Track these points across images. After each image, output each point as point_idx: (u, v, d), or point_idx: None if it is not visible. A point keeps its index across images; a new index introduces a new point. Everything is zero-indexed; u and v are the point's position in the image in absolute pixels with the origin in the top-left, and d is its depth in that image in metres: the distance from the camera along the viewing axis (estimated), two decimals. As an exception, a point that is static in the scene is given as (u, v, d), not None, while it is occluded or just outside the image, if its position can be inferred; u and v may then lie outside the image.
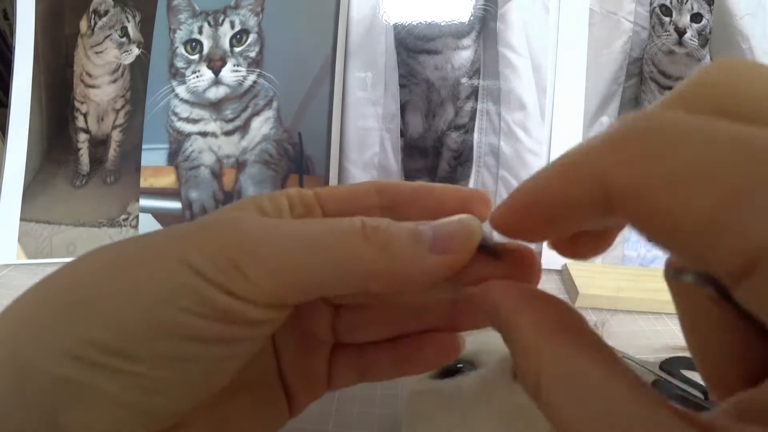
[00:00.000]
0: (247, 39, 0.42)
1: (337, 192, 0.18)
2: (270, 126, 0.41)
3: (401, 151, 0.47)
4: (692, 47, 0.42)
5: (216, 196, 0.42)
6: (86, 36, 0.48)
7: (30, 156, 0.47)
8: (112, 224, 0.47)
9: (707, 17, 0.42)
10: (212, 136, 0.42)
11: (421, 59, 0.45)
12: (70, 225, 0.47)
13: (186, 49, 0.43)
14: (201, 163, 0.42)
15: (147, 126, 0.44)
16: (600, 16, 0.44)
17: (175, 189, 0.43)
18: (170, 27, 0.44)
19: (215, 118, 0.42)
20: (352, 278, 0.14)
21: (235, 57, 0.42)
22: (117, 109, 0.49)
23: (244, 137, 0.42)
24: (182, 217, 0.42)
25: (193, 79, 0.43)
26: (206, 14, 0.43)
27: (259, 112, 0.42)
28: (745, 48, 0.42)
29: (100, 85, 0.48)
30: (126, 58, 0.48)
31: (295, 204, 0.17)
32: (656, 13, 0.43)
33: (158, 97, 0.43)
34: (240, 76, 0.42)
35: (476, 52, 0.45)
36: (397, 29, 0.45)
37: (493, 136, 0.45)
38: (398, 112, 0.46)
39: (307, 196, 0.18)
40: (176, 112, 0.43)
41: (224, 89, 0.42)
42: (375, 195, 0.18)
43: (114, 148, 0.49)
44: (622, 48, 0.43)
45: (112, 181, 0.48)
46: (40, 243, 0.46)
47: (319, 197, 0.18)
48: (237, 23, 0.42)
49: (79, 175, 0.48)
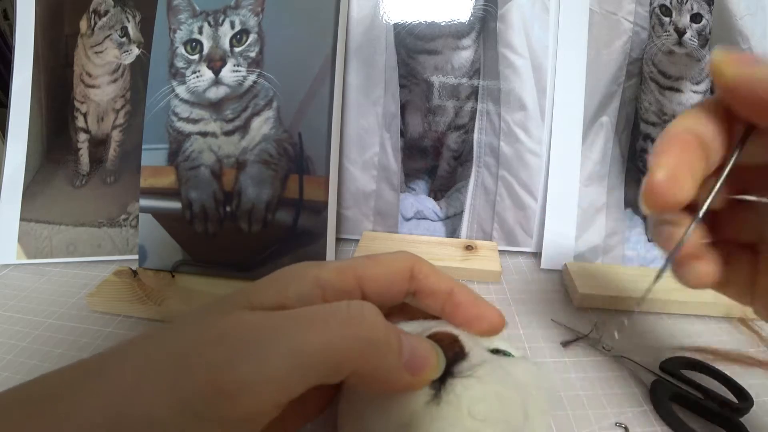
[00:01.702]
0: (247, 39, 0.42)
1: (377, 274, 0.20)
2: (270, 126, 0.41)
3: (401, 151, 0.47)
4: (692, 47, 0.42)
5: (216, 196, 0.42)
6: (86, 36, 0.48)
7: (30, 156, 0.47)
8: (112, 224, 0.47)
9: (707, 17, 0.42)
10: (212, 136, 0.42)
11: (421, 59, 0.45)
12: (70, 225, 0.47)
13: (186, 49, 0.43)
14: (201, 163, 0.42)
15: (147, 126, 0.44)
16: (600, 16, 0.44)
17: (175, 189, 0.43)
18: (170, 27, 0.44)
19: (215, 118, 0.42)
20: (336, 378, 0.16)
21: (235, 57, 0.42)
22: (117, 109, 0.49)
23: (244, 137, 0.42)
24: (182, 217, 0.42)
25: (193, 79, 0.43)
26: (206, 14, 0.43)
27: (259, 112, 0.42)
28: (745, 48, 0.42)
29: (100, 85, 0.48)
30: (126, 58, 0.48)
31: (332, 291, 0.19)
32: (656, 13, 0.43)
33: (158, 97, 0.43)
34: (240, 76, 0.42)
35: (476, 52, 0.45)
36: (397, 29, 0.45)
37: (493, 136, 0.45)
38: (398, 112, 0.46)
39: (347, 282, 0.20)
40: (176, 112, 0.43)
41: (224, 89, 0.42)
42: (407, 281, 0.21)
43: (114, 148, 0.49)
44: (622, 48, 0.43)
45: (112, 181, 0.48)
46: (40, 243, 0.46)
47: (360, 280, 0.20)
48: (237, 23, 0.42)
49: (79, 175, 0.48)
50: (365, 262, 0.20)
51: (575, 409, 0.28)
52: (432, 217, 0.48)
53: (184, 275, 0.42)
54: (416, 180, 0.48)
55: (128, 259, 0.46)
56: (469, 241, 0.46)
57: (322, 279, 0.19)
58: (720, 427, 0.27)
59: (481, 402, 0.17)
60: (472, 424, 0.17)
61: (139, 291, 0.39)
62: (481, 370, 0.18)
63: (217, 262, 0.42)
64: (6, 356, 0.34)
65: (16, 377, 0.32)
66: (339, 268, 0.20)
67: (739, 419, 0.26)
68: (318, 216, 0.41)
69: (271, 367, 0.15)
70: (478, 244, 0.45)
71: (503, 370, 0.19)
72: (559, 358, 0.32)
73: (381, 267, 0.20)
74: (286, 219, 0.41)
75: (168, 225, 0.43)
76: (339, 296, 0.19)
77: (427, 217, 0.47)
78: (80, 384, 0.15)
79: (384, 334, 0.17)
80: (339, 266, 0.20)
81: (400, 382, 0.17)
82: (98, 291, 0.39)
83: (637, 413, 0.28)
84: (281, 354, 0.15)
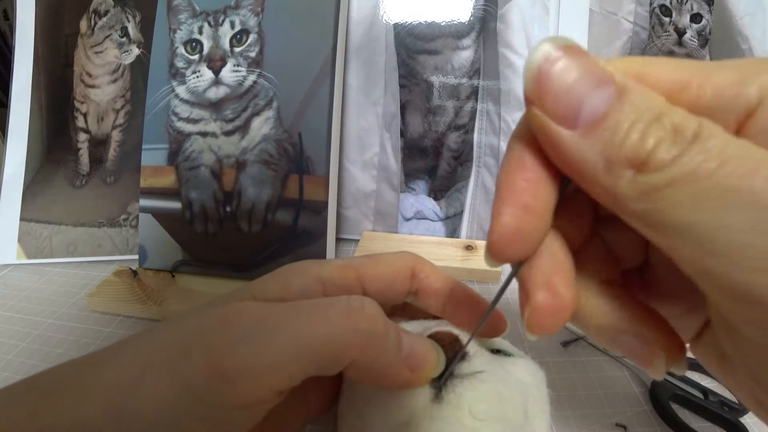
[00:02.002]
0: (247, 39, 0.42)
1: (379, 273, 0.20)
2: (270, 126, 0.41)
3: (401, 151, 0.47)
4: (692, 48, 0.42)
5: (216, 196, 0.42)
6: (86, 36, 0.48)
7: (30, 156, 0.47)
8: (112, 224, 0.47)
9: (707, 17, 0.42)
10: (212, 136, 0.42)
11: (421, 59, 0.45)
12: (70, 225, 0.47)
13: (186, 49, 0.43)
14: (201, 163, 0.42)
15: (147, 126, 0.44)
16: (600, 16, 0.44)
17: (175, 189, 0.43)
18: (170, 27, 0.44)
19: (215, 118, 0.42)
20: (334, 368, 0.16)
21: (235, 57, 0.42)
22: (117, 109, 0.49)
23: (244, 137, 0.42)
24: (182, 217, 0.42)
25: (193, 79, 0.43)
26: (206, 14, 0.43)
27: (259, 112, 0.42)
28: (744, 48, 0.42)
29: (100, 85, 0.48)
30: (126, 58, 0.48)
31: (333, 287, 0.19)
32: (656, 13, 0.43)
33: (158, 97, 0.43)
34: (240, 76, 0.42)
35: (476, 53, 0.45)
36: (397, 29, 0.45)
37: (493, 136, 0.45)
38: (398, 112, 0.46)
39: (349, 279, 0.20)
40: (176, 112, 0.43)
41: (224, 89, 0.42)
42: (408, 280, 0.21)
43: (114, 148, 0.49)
44: (622, 48, 0.43)
45: (112, 181, 0.48)
46: (40, 243, 0.46)
47: (361, 279, 0.20)
48: (237, 23, 0.42)
49: (79, 175, 0.48)
50: (367, 261, 0.20)
51: (575, 409, 0.28)
52: (432, 217, 0.48)
53: (184, 275, 0.42)
54: (416, 180, 0.48)
55: (128, 259, 0.46)
56: (469, 241, 0.46)
57: (324, 275, 0.19)
58: (720, 427, 0.27)
59: (482, 402, 0.17)
60: (472, 424, 0.17)
61: (139, 291, 0.39)
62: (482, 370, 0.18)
63: (217, 262, 0.42)
64: (6, 356, 0.34)
65: (16, 377, 0.32)
66: (341, 265, 0.20)
67: (739, 419, 0.26)
68: (318, 216, 0.41)
69: (272, 353, 0.15)
70: (478, 244, 0.45)
71: (504, 369, 0.19)
72: (559, 358, 0.33)
73: (382, 266, 0.20)
74: (286, 219, 0.41)
75: (168, 225, 0.43)
76: (340, 293, 0.19)
77: (427, 217, 0.47)
78: (84, 374, 0.16)
79: (383, 328, 0.17)
80: (341, 264, 0.20)
81: (399, 378, 0.17)
82: (98, 291, 0.39)
83: (637, 413, 0.28)
84: (282, 342, 0.15)
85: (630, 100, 0.11)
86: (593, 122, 0.11)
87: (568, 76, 0.12)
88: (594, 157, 0.12)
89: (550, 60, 0.12)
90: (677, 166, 0.11)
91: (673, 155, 0.11)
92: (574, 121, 0.12)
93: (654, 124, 0.11)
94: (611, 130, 0.11)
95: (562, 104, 0.12)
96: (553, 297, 0.14)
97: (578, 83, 0.12)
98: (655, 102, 0.12)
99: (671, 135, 0.11)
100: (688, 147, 0.11)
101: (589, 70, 0.12)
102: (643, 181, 0.11)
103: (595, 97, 0.12)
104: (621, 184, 0.11)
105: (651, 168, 0.11)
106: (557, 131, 0.12)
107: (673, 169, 0.11)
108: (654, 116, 0.11)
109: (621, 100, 0.11)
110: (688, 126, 0.11)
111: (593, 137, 0.11)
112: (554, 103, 0.12)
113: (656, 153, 0.11)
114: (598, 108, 0.11)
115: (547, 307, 0.14)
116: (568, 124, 0.12)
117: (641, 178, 0.11)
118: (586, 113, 0.11)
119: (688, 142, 0.11)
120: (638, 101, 0.11)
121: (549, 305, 0.14)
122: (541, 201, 0.13)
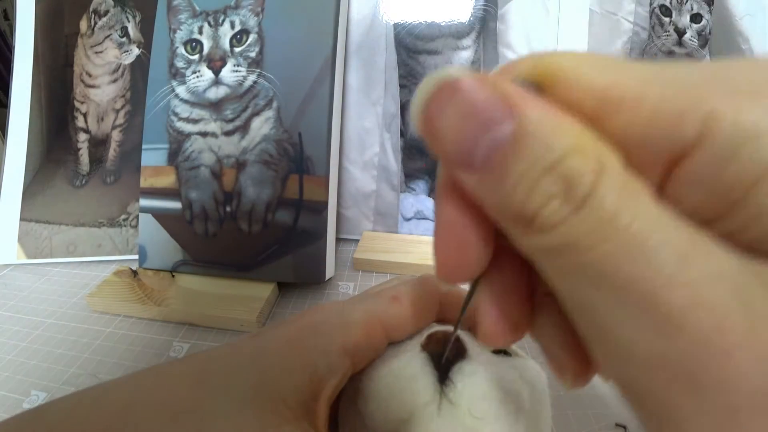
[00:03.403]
0: (247, 39, 0.42)
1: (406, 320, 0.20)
2: (270, 126, 0.41)
3: (401, 151, 0.47)
4: (692, 48, 0.42)
5: (216, 196, 0.42)
6: (86, 36, 0.48)
7: (30, 156, 0.47)
8: (112, 224, 0.47)
9: (707, 18, 0.42)
10: (212, 136, 0.42)
11: (421, 59, 0.45)
12: (70, 225, 0.47)
13: (186, 49, 0.43)
14: (201, 163, 0.42)
15: (147, 126, 0.44)
16: (600, 16, 0.44)
17: (175, 189, 0.43)
18: (170, 27, 0.44)
19: (215, 118, 0.42)
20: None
21: (235, 57, 0.42)
22: (117, 109, 0.49)
23: (244, 137, 0.42)
24: (182, 217, 0.42)
25: (193, 79, 0.43)
26: (206, 14, 0.43)
27: (259, 112, 0.42)
28: (744, 48, 0.42)
29: (100, 85, 0.48)
30: (126, 58, 0.48)
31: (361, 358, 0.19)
32: (656, 13, 0.43)
33: (158, 97, 0.43)
34: (240, 76, 0.42)
35: (476, 52, 0.45)
36: (397, 29, 0.45)
37: (493, 136, 0.45)
38: (398, 112, 0.46)
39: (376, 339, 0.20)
40: (176, 112, 0.43)
41: (224, 89, 0.42)
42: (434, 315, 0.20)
43: (114, 148, 0.49)
44: (622, 48, 0.43)
45: (112, 181, 0.48)
46: (40, 243, 0.46)
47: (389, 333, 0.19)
48: (237, 23, 0.42)
49: (79, 175, 0.48)
50: (391, 307, 0.19)
51: (575, 409, 0.28)
52: (432, 217, 0.48)
53: (184, 275, 0.42)
54: (416, 180, 0.48)
55: (128, 259, 0.46)
56: (469, 241, 0.46)
57: (350, 345, 0.18)
58: (720, 426, 0.27)
59: (482, 400, 0.18)
60: (472, 423, 0.17)
61: (139, 291, 0.39)
62: (482, 369, 0.19)
63: (217, 262, 0.42)
64: (6, 356, 0.34)
65: (16, 377, 0.32)
66: (366, 324, 0.18)
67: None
68: (318, 216, 0.41)
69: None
70: (478, 244, 0.45)
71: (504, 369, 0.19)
72: (559, 358, 0.33)
73: (406, 309, 0.19)
74: (286, 219, 0.41)
75: (168, 225, 0.43)
76: (369, 357, 0.19)
77: (427, 217, 0.47)
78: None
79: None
80: (366, 321, 0.18)
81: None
82: (98, 291, 0.39)
83: (637, 413, 0.28)
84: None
85: (525, 144, 0.09)
86: (487, 168, 0.10)
87: (455, 117, 0.10)
88: (494, 205, 0.10)
89: (437, 99, 0.10)
90: (559, 233, 0.09)
91: (561, 217, 0.09)
92: (470, 165, 0.10)
93: (545, 176, 0.09)
94: (499, 181, 0.10)
95: (452, 148, 0.10)
96: (502, 316, 0.14)
97: (468, 124, 0.10)
98: (558, 141, 0.09)
99: (562, 192, 0.09)
100: (575, 211, 0.09)
101: (483, 107, 0.10)
102: (528, 242, 0.10)
103: (487, 139, 0.10)
104: (515, 234, 0.10)
105: (535, 229, 0.10)
106: (457, 172, 0.11)
107: (555, 235, 0.09)
108: (548, 165, 0.09)
109: (516, 143, 0.09)
110: (581, 181, 0.09)
111: (489, 183, 0.10)
112: (443, 147, 0.10)
113: (542, 214, 0.09)
114: (488, 153, 0.10)
115: (495, 327, 0.14)
116: (464, 167, 0.10)
117: (527, 238, 0.10)
118: (479, 157, 0.10)
119: (576, 204, 0.09)
120: (535, 143, 0.09)
121: (497, 325, 0.14)
122: (472, 233, 0.12)
